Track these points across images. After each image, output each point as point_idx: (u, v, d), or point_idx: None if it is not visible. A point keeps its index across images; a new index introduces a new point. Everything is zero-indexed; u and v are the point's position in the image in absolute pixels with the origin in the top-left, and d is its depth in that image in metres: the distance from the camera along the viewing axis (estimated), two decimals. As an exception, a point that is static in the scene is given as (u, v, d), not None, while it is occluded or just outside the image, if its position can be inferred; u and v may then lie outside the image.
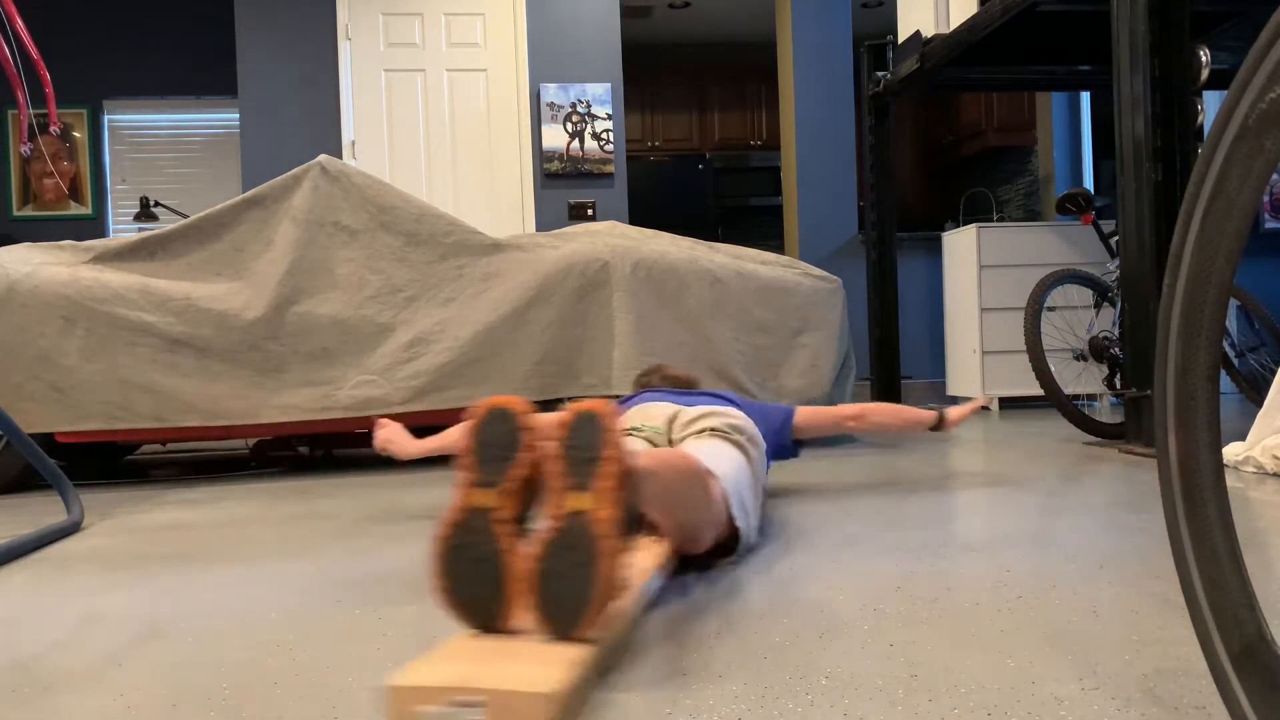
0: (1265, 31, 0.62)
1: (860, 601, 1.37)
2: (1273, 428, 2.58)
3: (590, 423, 1.12)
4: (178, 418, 3.04)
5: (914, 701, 0.97)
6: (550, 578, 1.05)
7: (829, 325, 3.67)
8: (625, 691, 1.03)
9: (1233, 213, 0.66)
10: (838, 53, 6.13)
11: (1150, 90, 2.97)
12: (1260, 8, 3.96)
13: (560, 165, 5.72)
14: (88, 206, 6.50)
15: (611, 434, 1.11)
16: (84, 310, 2.99)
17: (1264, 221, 6.13)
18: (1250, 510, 2.01)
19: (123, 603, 1.52)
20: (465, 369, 3.20)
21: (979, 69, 4.71)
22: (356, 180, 3.28)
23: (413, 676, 0.93)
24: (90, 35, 6.48)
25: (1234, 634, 0.70)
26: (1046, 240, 5.04)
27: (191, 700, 1.06)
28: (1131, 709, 0.94)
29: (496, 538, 1.09)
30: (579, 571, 1.04)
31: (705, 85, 8.45)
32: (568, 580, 1.05)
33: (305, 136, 5.58)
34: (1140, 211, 3.00)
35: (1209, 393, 0.71)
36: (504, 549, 1.08)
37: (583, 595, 1.04)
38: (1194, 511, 0.72)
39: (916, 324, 6.14)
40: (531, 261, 3.32)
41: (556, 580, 1.05)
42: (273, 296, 3.11)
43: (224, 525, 2.26)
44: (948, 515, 2.03)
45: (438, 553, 1.10)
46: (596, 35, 5.80)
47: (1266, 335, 4.32)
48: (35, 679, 1.15)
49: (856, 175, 6.17)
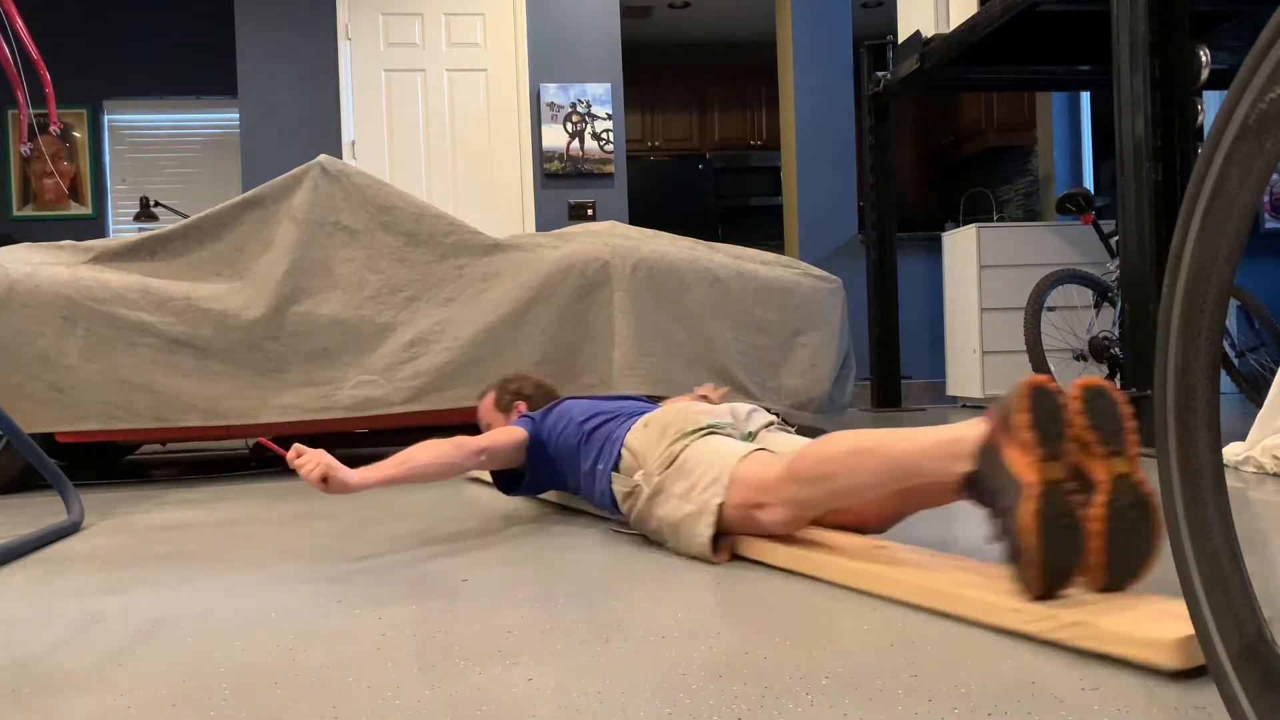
0: (1265, 31, 0.62)
1: (860, 601, 1.37)
2: (1273, 428, 2.58)
3: (1102, 397, 1.25)
4: (178, 418, 3.04)
5: (914, 701, 0.97)
6: (1118, 535, 1.19)
7: (829, 325, 3.67)
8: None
9: (1233, 213, 0.66)
10: (838, 53, 6.13)
11: (1150, 90, 2.97)
12: (1260, 8, 3.96)
13: (560, 165, 5.72)
14: (88, 206, 6.50)
15: (1125, 407, 1.25)
16: (84, 310, 2.99)
17: (1264, 221, 6.13)
18: (1250, 510, 2.01)
19: (123, 603, 1.52)
20: (466, 369, 3.20)
21: (979, 69, 4.71)
22: (356, 180, 3.28)
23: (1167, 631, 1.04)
24: (90, 35, 6.48)
25: (1234, 634, 0.70)
26: (1046, 240, 5.04)
27: (191, 700, 1.06)
28: (1131, 709, 0.94)
29: (1074, 506, 1.20)
30: (1140, 527, 1.20)
31: (705, 85, 8.45)
32: (1132, 536, 1.20)
33: (305, 136, 5.59)
34: (1140, 211, 3.00)
35: (1209, 393, 0.71)
36: (1082, 516, 1.20)
37: (1146, 548, 1.20)
38: (1194, 511, 0.72)
39: (916, 324, 6.14)
40: (531, 261, 3.32)
41: (1125, 536, 1.19)
42: (273, 296, 3.11)
43: (224, 525, 2.26)
44: (947, 515, 2.03)
45: (1033, 526, 1.19)
46: (596, 35, 5.80)
47: (1266, 335, 4.32)
48: (35, 679, 1.15)
49: (856, 175, 6.17)
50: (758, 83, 8.45)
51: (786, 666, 1.10)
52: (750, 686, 1.04)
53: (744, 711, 0.96)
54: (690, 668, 1.10)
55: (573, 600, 1.43)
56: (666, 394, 3.17)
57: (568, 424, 2.06)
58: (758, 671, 1.08)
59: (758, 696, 1.00)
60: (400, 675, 1.11)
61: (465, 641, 1.24)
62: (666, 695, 1.02)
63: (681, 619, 1.31)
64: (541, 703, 1.01)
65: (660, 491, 1.75)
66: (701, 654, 1.15)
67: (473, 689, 1.06)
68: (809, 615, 1.31)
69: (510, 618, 1.34)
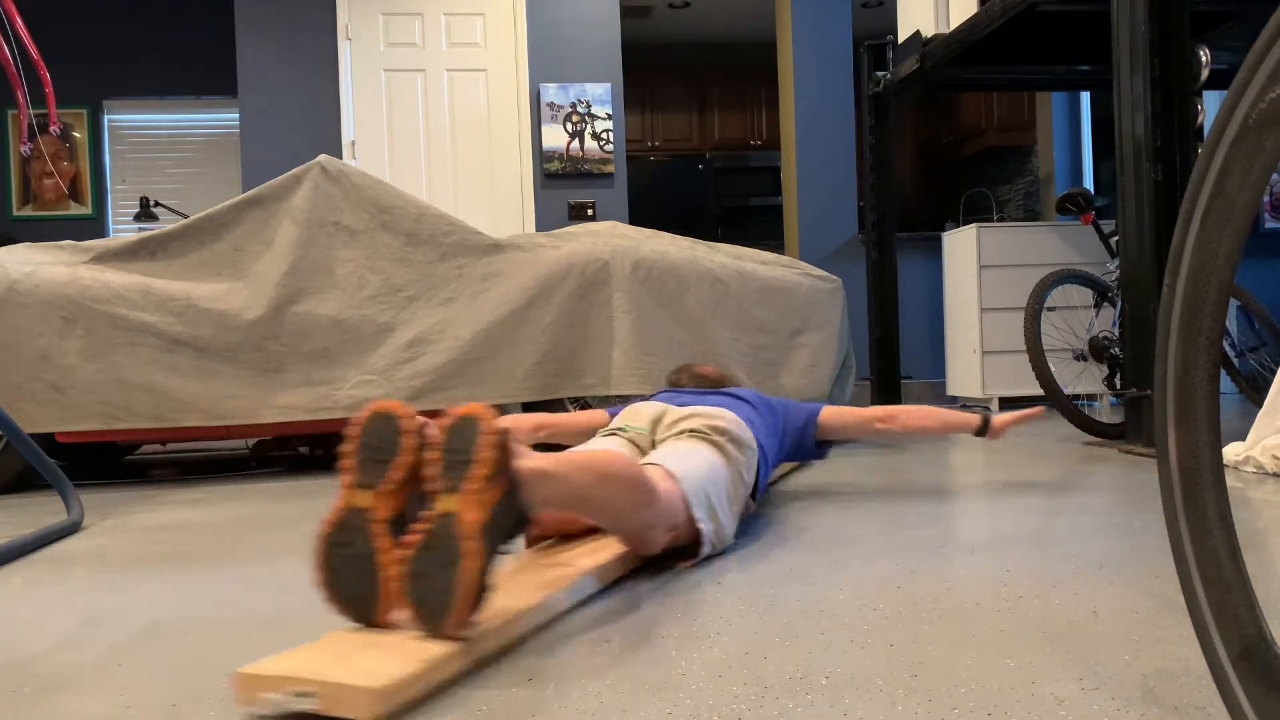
0: (1265, 31, 0.62)
1: (860, 601, 1.37)
2: (1273, 428, 2.58)
3: (469, 426, 1.15)
4: (177, 418, 3.04)
5: (914, 701, 0.97)
6: (418, 577, 1.09)
7: (829, 325, 3.67)
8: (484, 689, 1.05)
9: (1233, 213, 0.66)
10: (838, 53, 6.12)
11: (1150, 90, 2.97)
12: (1260, 8, 3.96)
13: (560, 165, 5.72)
14: (88, 206, 6.50)
15: (487, 437, 1.13)
16: (84, 310, 2.99)
17: (1264, 221, 6.13)
18: (1250, 510, 2.01)
19: (123, 603, 1.52)
20: (465, 369, 3.20)
21: (979, 69, 4.70)
22: (356, 180, 3.28)
23: (261, 666, 1.00)
24: (90, 35, 6.48)
25: (1234, 634, 0.70)
26: (1046, 240, 5.04)
27: (191, 700, 1.06)
28: (1131, 709, 0.94)
29: (372, 537, 1.14)
30: (442, 572, 1.08)
31: (705, 85, 8.44)
32: (433, 580, 1.08)
33: (305, 136, 5.58)
34: (1140, 211, 3.00)
35: (1209, 393, 0.71)
36: (378, 548, 1.13)
37: (446, 595, 1.08)
38: (1194, 511, 0.72)
39: (916, 324, 6.14)
40: (531, 261, 3.32)
41: (423, 579, 1.09)
42: (273, 296, 3.11)
43: (224, 525, 2.26)
44: (948, 515, 2.03)
45: (317, 549, 1.16)
46: (596, 35, 5.80)
47: (1266, 335, 4.32)
48: (35, 679, 1.15)
49: (856, 175, 6.17)
50: (758, 83, 8.44)
51: (786, 666, 1.10)
52: (750, 686, 1.03)
53: (744, 711, 0.96)
54: (690, 668, 1.10)
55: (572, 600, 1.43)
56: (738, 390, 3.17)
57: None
58: (758, 671, 1.08)
59: (758, 696, 1.00)
60: (400, 675, 1.11)
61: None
62: (666, 695, 1.02)
63: (681, 619, 1.31)
64: (542, 703, 1.01)
65: None
66: (701, 654, 1.15)
67: (472, 688, 1.06)
68: (809, 615, 1.31)
69: (510, 618, 1.34)
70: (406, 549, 1.11)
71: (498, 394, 3.22)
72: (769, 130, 8.42)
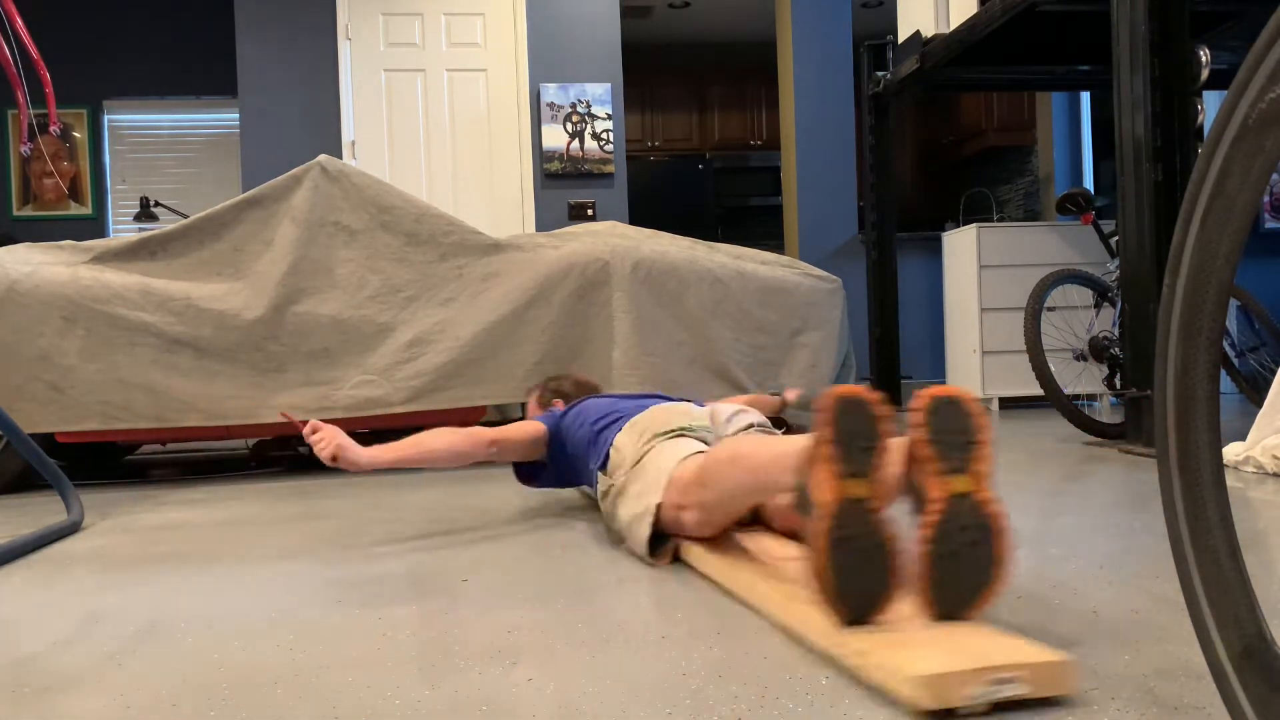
0: (1265, 31, 0.62)
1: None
2: (1273, 428, 2.58)
3: (953, 407, 1.13)
4: (177, 418, 3.04)
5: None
6: (945, 560, 1.07)
7: (829, 325, 3.67)
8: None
9: (1233, 213, 0.66)
10: (838, 53, 6.12)
11: (1150, 90, 2.97)
12: (1260, 8, 3.96)
13: (560, 165, 5.72)
14: (88, 206, 6.50)
15: (981, 418, 1.12)
16: (84, 310, 2.99)
17: (1264, 221, 6.13)
18: (1250, 510, 2.01)
19: (123, 603, 1.52)
20: (465, 369, 3.20)
21: (979, 69, 4.71)
22: (356, 180, 3.28)
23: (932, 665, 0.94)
24: (90, 35, 6.48)
25: (1234, 634, 0.69)
26: (1046, 240, 5.04)
27: (191, 700, 1.06)
28: (1131, 709, 0.93)
29: (878, 527, 1.09)
30: (975, 551, 1.07)
31: (705, 85, 8.44)
32: (964, 561, 1.07)
33: (305, 136, 5.58)
34: (1140, 211, 3.00)
35: (1209, 393, 0.71)
36: (888, 537, 1.09)
37: (981, 575, 1.07)
38: (1194, 511, 0.72)
39: (916, 324, 6.14)
40: (531, 261, 3.32)
41: (952, 562, 1.07)
42: (273, 296, 3.11)
43: (224, 525, 2.26)
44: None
45: (822, 547, 1.08)
46: (596, 35, 5.80)
47: (1266, 335, 4.32)
48: (35, 679, 1.15)
49: (856, 175, 6.16)
50: (758, 83, 8.44)
51: (786, 666, 1.10)
52: (750, 686, 1.03)
53: (744, 711, 0.96)
54: (690, 668, 1.10)
55: (573, 600, 1.43)
56: (667, 394, 3.17)
57: (583, 422, 2.06)
58: (757, 671, 1.08)
59: (757, 696, 1.00)
60: (400, 675, 1.11)
61: (465, 641, 1.24)
62: (666, 695, 1.02)
63: (681, 619, 1.31)
64: (541, 703, 1.01)
65: (623, 491, 1.75)
66: (701, 654, 1.15)
67: (473, 689, 1.06)
68: (809, 615, 1.31)
69: (510, 618, 1.34)
70: (926, 533, 1.08)
71: (498, 394, 3.23)
72: (769, 130, 8.42)
